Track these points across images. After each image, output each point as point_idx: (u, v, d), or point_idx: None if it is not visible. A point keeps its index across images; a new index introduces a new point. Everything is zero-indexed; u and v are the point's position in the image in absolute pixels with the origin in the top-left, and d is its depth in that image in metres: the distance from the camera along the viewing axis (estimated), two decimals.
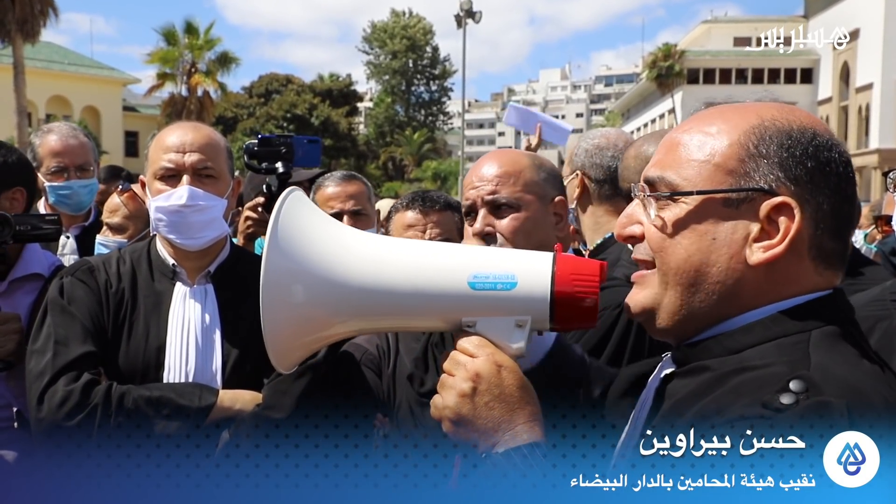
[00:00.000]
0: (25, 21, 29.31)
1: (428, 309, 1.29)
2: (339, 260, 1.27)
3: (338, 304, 1.28)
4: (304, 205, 1.34)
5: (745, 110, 1.21)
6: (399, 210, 2.70)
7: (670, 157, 1.22)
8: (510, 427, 1.19)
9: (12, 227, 2.44)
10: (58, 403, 2.11)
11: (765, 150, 1.15)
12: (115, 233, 3.01)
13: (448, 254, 1.32)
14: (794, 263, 1.14)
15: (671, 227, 1.18)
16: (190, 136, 2.32)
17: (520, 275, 1.26)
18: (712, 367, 1.13)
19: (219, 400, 2.21)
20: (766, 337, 1.12)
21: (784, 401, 0.98)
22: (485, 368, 1.22)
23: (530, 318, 1.27)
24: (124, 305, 2.31)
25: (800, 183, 1.13)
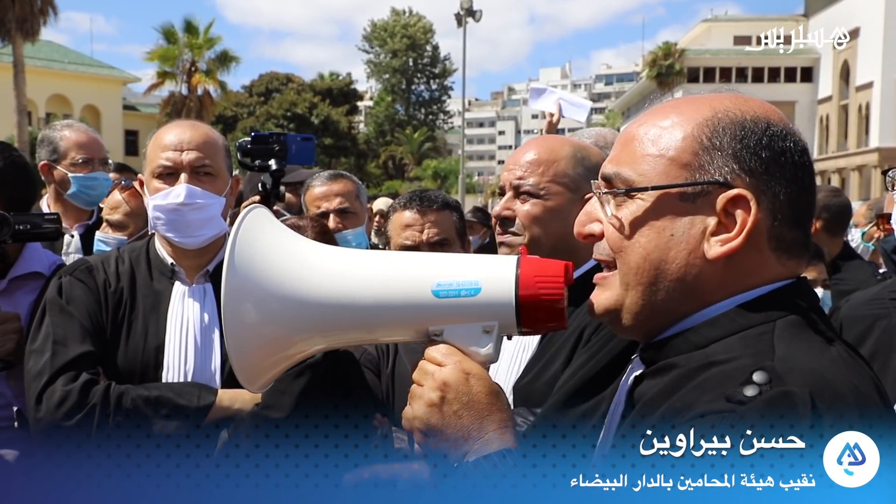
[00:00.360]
0: (25, 20, 29.31)
1: (393, 320, 1.27)
2: (298, 276, 1.26)
3: (299, 322, 1.26)
4: (265, 223, 1.32)
5: (699, 102, 1.19)
6: (397, 210, 2.70)
7: (626, 153, 1.20)
8: (480, 435, 1.17)
9: (11, 226, 2.44)
10: (56, 403, 2.10)
11: (718, 142, 1.13)
12: (115, 230, 3.00)
13: (410, 263, 1.30)
14: (754, 255, 1.13)
15: (628, 226, 1.17)
16: (188, 135, 2.31)
17: (483, 280, 1.24)
18: (679, 364, 1.12)
19: (218, 399, 2.20)
20: (730, 330, 1.11)
21: (747, 393, 0.97)
22: (452, 377, 1.20)
23: (497, 324, 1.25)
24: (123, 305, 2.30)
25: (755, 174, 1.12)
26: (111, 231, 3.00)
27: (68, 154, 3.75)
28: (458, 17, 33.43)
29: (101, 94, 47.20)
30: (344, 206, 3.32)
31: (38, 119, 42.74)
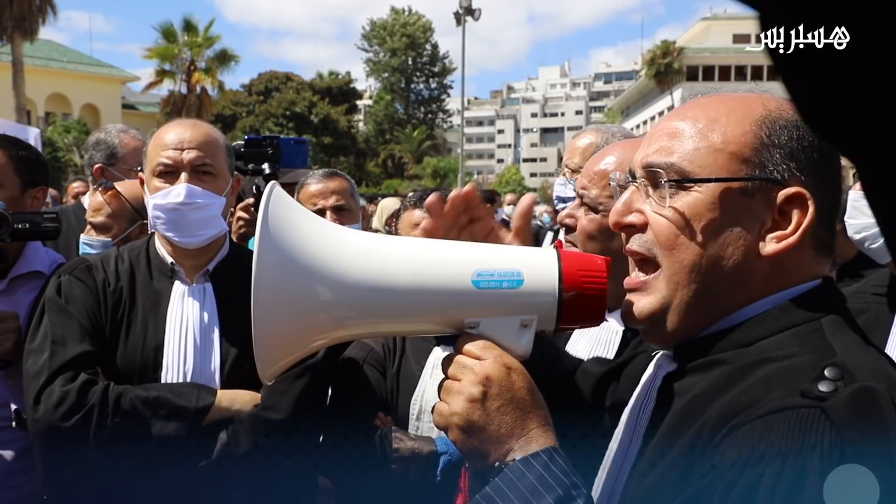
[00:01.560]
0: (24, 19, 29.28)
1: (429, 308, 1.21)
2: (335, 258, 1.18)
3: (333, 306, 1.18)
4: (289, 202, 1.25)
5: (748, 100, 1.18)
6: (407, 208, 2.69)
7: (677, 144, 1.16)
8: (524, 433, 1.13)
9: (10, 225, 2.43)
10: (54, 404, 2.09)
11: (776, 139, 1.12)
12: (99, 232, 2.98)
13: (449, 250, 1.24)
14: (799, 254, 1.13)
15: (685, 218, 1.13)
16: (188, 133, 2.30)
17: (526, 271, 1.19)
18: (728, 361, 1.10)
19: (217, 400, 2.19)
20: (777, 327, 1.10)
21: (823, 388, 0.96)
22: (495, 371, 1.15)
23: (536, 317, 1.20)
24: (122, 304, 2.29)
25: (808, 174, 1.12)
26: (95, 233, 2.98)
27: (128, 160, 3.85)
28: (457, 16, 33.43)
29: (101, 93, 47.16)
30: (340, 203, 3.32)
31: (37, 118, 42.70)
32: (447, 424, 1.17)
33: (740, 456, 0.95)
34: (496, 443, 1.13)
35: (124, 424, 2.09)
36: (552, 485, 1.07)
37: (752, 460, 0.93)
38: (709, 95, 1.23)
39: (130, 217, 2.96)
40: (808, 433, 0.92)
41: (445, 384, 1.20)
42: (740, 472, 0.93)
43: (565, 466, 1.10)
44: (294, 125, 52.67)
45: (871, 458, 0.90)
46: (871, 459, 0.90)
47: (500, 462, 1.12)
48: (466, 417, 1.14)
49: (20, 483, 2.50)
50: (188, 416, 2.13)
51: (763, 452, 0.93)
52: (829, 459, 0.90)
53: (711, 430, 1.01)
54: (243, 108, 55.55)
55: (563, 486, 1.07)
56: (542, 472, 1.08)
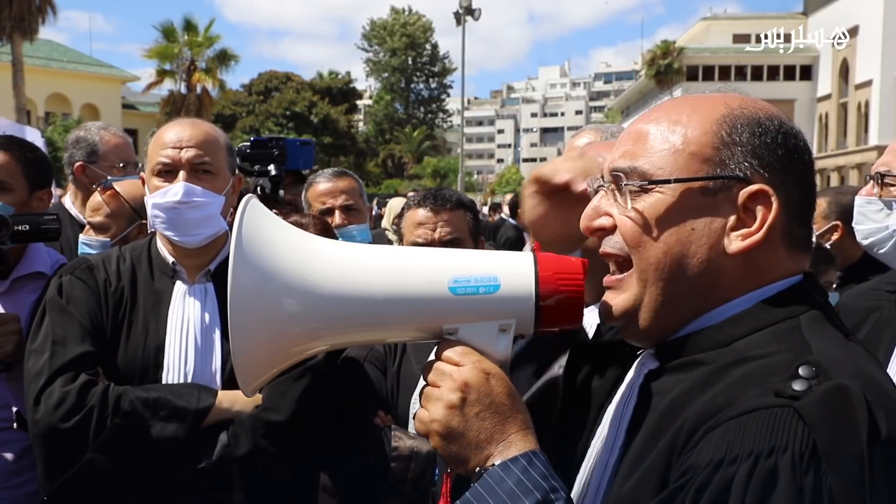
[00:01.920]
0: (23, 18, 29.25)
1: (406, 317, 1.21)
2: (311, 268, 1.19)
3: (310, 318, 1.18)
4: (267, 214, 1.25)
5: (712, 100, 1.19)
6: (411, 207, 2.69)
7: (640, 147, 1.18)
8: (503, 437, 1.13)
9: (10, 227, 2.43)
10: (54, 405, 2.08)
11: (738, 137, 1.13)
12: (97, 232, 2.98)
13: (425, 257, 1.24)
14: (769, 251, 1.13)
15: (648, 219, 1.15)
16: (188, 132, 2.30)
17: (502, 276, 1.19)
18: (707, 361, 1.10)
19: (217, 401, 2.18)
20: (755, 326, 1.11)
21: (797, 388, 0.96)
22: (473, 377, 1.15)
23: (514, 322, 1.20)
24: (123, 304, 2.28)
25: (772, 170, 1.13)
26: (94, 233, 2.98)
27: (109, 156, 3.83)
28: (457, 16, 33.42)
29: (101, 93, 47.08)
30: (349, 202, 3.32)
31: (37, 118, 42.65)
32: (427, 431, 1.18)
33: (714, 456, 0.95)
34: (476, 448, 1.13)
35: (124, 425, 2.09)
36: (530, 488, 1.07)
37: (725, 461, 0.94)
38: (676, 97, 1.25)
39: (129, 217, 2.95)
40: (779, 433, 0.93)
41: (425, 391, 1.20)
42: (713, 473, 0.94)
43: (544, 470, 1.10)
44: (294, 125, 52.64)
45: (843, 457, 0.91)
46: (843, 459, 0.91)
47: (480, 467, 1.13)
48: (446, 424, 1.15)
49: (20, 483, 2.50)
50: (188, 417, 2.13)
51: (736, 453, 0.94)
52: (800, 459, 0.91)
53: (689, 431, 1.02)
54: (243, 108, 55.51)
55: (541, 490, 1.07)
56: (520, 477, 1.09)
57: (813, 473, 0.91)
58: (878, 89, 41.91)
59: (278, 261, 1.18)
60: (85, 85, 46.44)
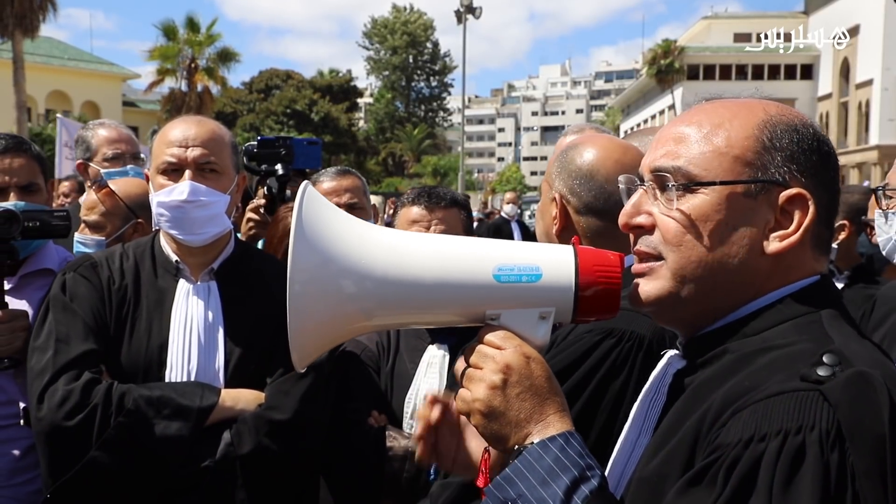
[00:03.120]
0: (24, 16, 29.22)
1: (452, 301, 1.28)
2: (365, 252, 1.26)
3: (362, 299, 1.26)
4: (321, 200, 1.32)
5: (750, 105, 1.24)
6: (405, 205, 2.69)
7: (683, 148, 1.23)
8: (542, 417, 1.20)
9: (21, 223, 2.43)
10: (58, 403, 2.08)
11: (778, 143, 1.19)
12: (93, 231, 2.98)
13: (472, 246, 1.31)
14: (800, 251, 1.19)
15: (692, 219, 1.20)
16: (193, 131, 2.29)
17: (544, 266, 1.26)
18: (732, 350, 1.17)
19: (221, 400, 2.18)
20: (779, 319, 1.16)
21: (821, 373, 1.01)
22: (514, 360, 1.22)
23: (554, 310, 1.27)
24: (127, 302, 2.28)
25: (808, 175, 1.19)
26: (89, 232, 2.98)
27: (100, 150, 3.85)
28: (458, 14, 33.39)
29: (101, 91, 47.07)
30: (353, 200, 3.32)
31: (37, 115, 42.67)
32: (469, 410, 1.24)
33: (744, 434, 1.00)
34: (515, 427, 1.20)
35: (128, 424, 2.09)
36: (568, 465, 1.14)
37: (755, 438, 0.99)
38: (713, 101, 1.29)
39: (124, 215, 2.95)
40: (807, 413, 0.99)
41: (468, 372, 1.26)
42: (744, 449, 0.99)
43: (580, 449, 1.16)
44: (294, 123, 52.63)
45: (865, 437, 0.97)
46: (865, 439, 0.97)
47: (518, 445, 1.19)
48: (488, 403, 1.21)
49: (25, 481, 2.50)
50: (192, 415, 2.13)
51: (766, 431, 0.99)
52: (826, 437, 0.97)
53: (716, 413, 1.07)
54: (244, 106, 55.48)
55: (578, 467, 1.14)
56: (558, 455, 1.15)
57: (838, 451, 0.96)
58: (878, 89, 41.88)
59: (336, 245, 1.26)
60: (85, 82, 46.44)
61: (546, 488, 1.13)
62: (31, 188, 2.62)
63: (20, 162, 2.60)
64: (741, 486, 0.98)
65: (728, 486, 0.99)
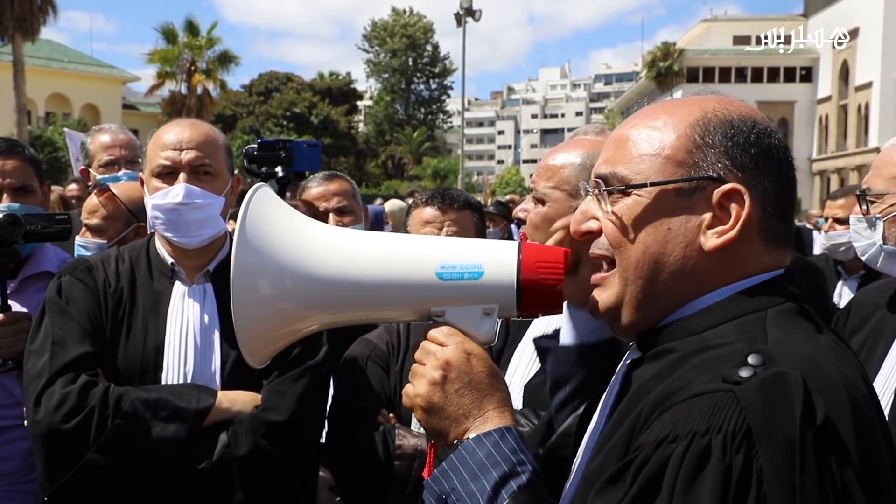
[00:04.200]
0: (25, 19, 29.26)
1: (397, 300, 1.31)
2: (307, 252, 1.29)
3: (306, 297, 1.29)
4: (272, 200, 1.35)
5: (688, 104, 1.25)
6: (418, 206, 2.71)
7: (620, 153, 1.25)
8: (480, 413, 1.23)
9: (23, 226, 2.44)
10: (55, 405, 2.08)
11: (710, 140, 1.19)
12: (94, 234, 2.98)
13: (415, 245, 1.33)
14: (746, 246, 1.18)
15: (627, 221, 1.21)
16: (188, 134, 2.29)
17: (486, 264, 1.28)
18: (676, 349, 1.16)
19: (217, 401, 2.18)
20: (724, 317, 1.16)
21: (742, 374, 1.01)
22: (454, 357, 1.25)
23: (497, 306, 1.29)
24: (123, 305, 2.28)
25: (746, 169, 1.18)
26: (90, 235, 2.99)
27: (97, 156, 3.91)
28: (457, 17, 33.43)
29: (101, 94, 47.14)
30: (342, 204, 3.33)
31: (37, 118, 42.70)
32: (412, 405, 1.29)
33: (660, 435, 1.01)
34: (454, 422, 1.24)
35: (125, 426, 2.09)
36: (499, 461, 1.17)
37: (667, 439, 1.00)
38: (655, 103, 1.32)
39: (126, 219, 2.96)
40: (718, 415, 0.98)
41: (413, 368, 1.31)
42: (655, 450, 1.01)
43: (515, 445, 1.19)
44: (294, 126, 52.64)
45: (775, 439, 0.96)
46: (775, 441, 0.96)
47: (457, 440, 1.23)
48: (428, 399, 1.26)
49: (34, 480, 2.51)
50: (189, 417, 2.13)
51: (678, 432, 1.00)
52: (732, 439, 0.96)
53: (647, 413, 1.08)
54: (243, 109, 55.50)
55: (508, 463, 1.17)
56: (490, 450, 1.18)
57: (744, 453, 0.96)
58: (878, 91, 41.95)
59: (278, 242, 1.29)
60: (85, 85, 46.50)
61: (476, 482, 1.16)
62: (24, 190, 2.63)
63: (13, 164, 2.61)
64: (646, 486, 0.99)
65: (635, 486, 1.00)
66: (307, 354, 2.28)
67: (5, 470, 2.52)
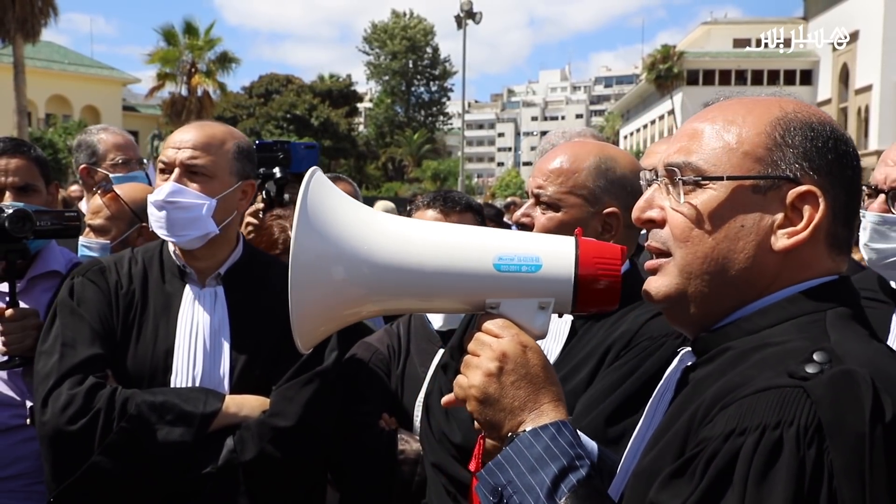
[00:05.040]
0: (25, 20, 29.23)
1: (452, 289, 1.29)
2: (367, 238, 1.28)
3: (363, 282, 1.28)
4: (328, 186, 1.34)
5: (767, 102, 1.24)
6: (420, 208, 2.71)
7: (696, 144, 1.23)
8: (536, 406, 1.22)
9: (33, 222, 2.44)
10: (61, 407, 2.08)
11: (790, 140, 1.18)
12: (97, 234, 2.99)
13: (473, 235, 1.33)
14: (812, 249, 1.18)
15: (699, 214, 1.20)
16: (190, 133, 2.30)
17: (544, 257, 1.27)
18: (733, 347, 1.16)
19: (224, 406, 2.17)
20: (782, 317, 1.15)
21: (809, 370, 1.01)
22: (511, 348, 1.24)
23: (553, 300, 1.28)
24: (134, 307, 2.28)
25: (822, 173, 1.17)
26: (94, 236, 3.00)
27: (108, 156, 3.88)
28: (458, 20, 33.43)
29: (101, 95, 47.13)
30: None
31: (37, 120, 42.68)
32: (465, 396, 1.27)
33: (726, 428, 1.01)
34: (509, 414, 1.23)
35: (130, 429, 2.08)
36: (557, 454, 1.16)
37: (735, 432, 0.99)
38: (731, 98, 1.29)
39: (129, 220, 2.97)
40: (787, 409, 0.98)
41: (466, 359, 1.29)
42: (723, 443, 1.00)
43: (572, 438, 1.18)
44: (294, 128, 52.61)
45: (845, 434, 0.96)
46: (845, 436, 0.95)
47: (512, 432, 1.21)
48: (483, 390, 1.24)
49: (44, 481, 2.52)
50: (195, 421, 2.12)
51: (746, 425, 0.99)
52: (804, 433, 0.96)
53: (707, 408, 1.07)
54: (243, 111, 55.47)
55: (567, 457, 1.16)
56: (548, 443, 1.17)
57: (816, 448, 0.95)
58: (878, 94, 41.94)
59: (338, 229, 1.28)
60: (86, 87, 46.49)
61: (534, 475, 1.15)
62: (28, 189, 2.62)
63: (17, 163, 2.61)
64: (717, 479, 0.99)
65: (705, 479, 0.99)
66: (317, 360, 2.27)
67: (21, 471, 2.51)
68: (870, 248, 2.35)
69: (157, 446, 2.10)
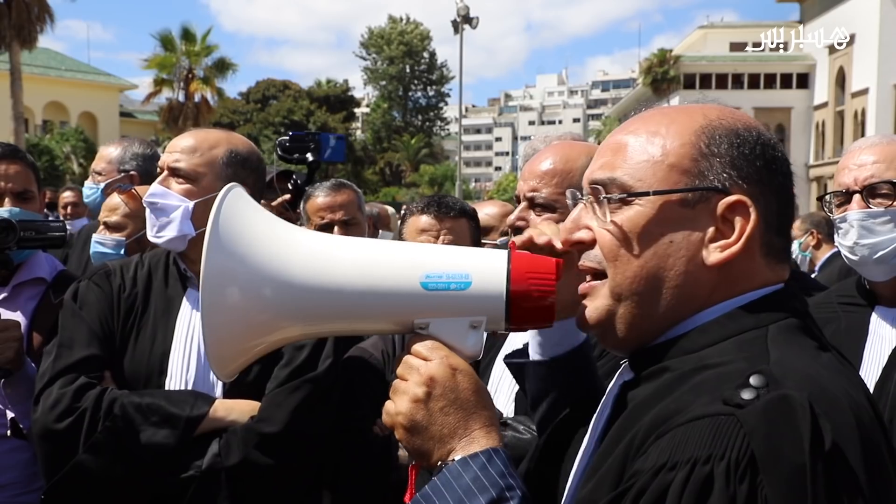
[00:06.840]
0: (22, 27, 29.23)
1: (378, 310, 1.22)
2: (283, 257, 1.20)
3: (281, 306, 1.20)
4: (246, 201, 1.27)
5: (690, 111, 1.19)
6: (414, 213, 2.69)
7: (619, 159, 1.17)
8: (466, 433, 1.15)
9: (17, 232, 2.44)
10: (50, 406, 2.12)
11: (716, 148, 1.13)
12: (112, 231, 3.06)
13: (398, 252, 1.25)
14: (747, 261, 1.12)
15: (627, 232, 1.14)
16: (184, 139, 2.34)
17: (474, 273, 1.20)
18: (672, 368, 1.10)
19: (212, 410, 2.17)
20: (723, 335, 1.10)
21: (745, 396, 0.95)
22: (439, 372, 1.17)
23: (485, 319, 1.21)
24: (135, 310, 2.31)
25: (751, 181, 1.12)
26: (108, 232, 3.05)
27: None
28: (454, 24, 33.48)
29: (98, 102, 47.14)
30: (347, 217, 3.30)
31: (34, 126, 42.68)
32: (393, 423, 1.20)
33: (658, 461, 0.95)
34: (438, 442, 1.15)
35: (113, 429, 2.10)
36: (486, 486, 1.09)
37: (666, 466, 0.94)
38: (653, 108, 1.24)
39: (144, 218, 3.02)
40: (719, 441, 0.93)
41: (394, 384, 1.21)
42: (653, 478, 0.94)
43: (503, 468, 1.11)
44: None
45: (781, 467, 0.90)
46: (781, 469, 0.90)
47: (441, 461, 1.14)
48: (410, 417, 1.16)
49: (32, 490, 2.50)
50: (180, 423, 2.12)
51: (677, 459, 0.94)
52: (735, 467, 0.90)
53: (642, 437, 1.02)
54: (241, 117, 55.52)
55: (496, 488, 1.09)
56: (478, 473, 1.10)
57: (748, 482, 0.90)
58: (874, 98, 42.02)
59: (254, 249, 1.20)
60: (83, 93, 46.50)
61: None
62: (25, 195, 2.63)
63: (16, 168, 2.62)
64: None
65: None
66: (311, 366, 2.26)
67: (9, 480, 2.51)
68: (860, 246, 2.32)
69: (140, 447, 2.10)
